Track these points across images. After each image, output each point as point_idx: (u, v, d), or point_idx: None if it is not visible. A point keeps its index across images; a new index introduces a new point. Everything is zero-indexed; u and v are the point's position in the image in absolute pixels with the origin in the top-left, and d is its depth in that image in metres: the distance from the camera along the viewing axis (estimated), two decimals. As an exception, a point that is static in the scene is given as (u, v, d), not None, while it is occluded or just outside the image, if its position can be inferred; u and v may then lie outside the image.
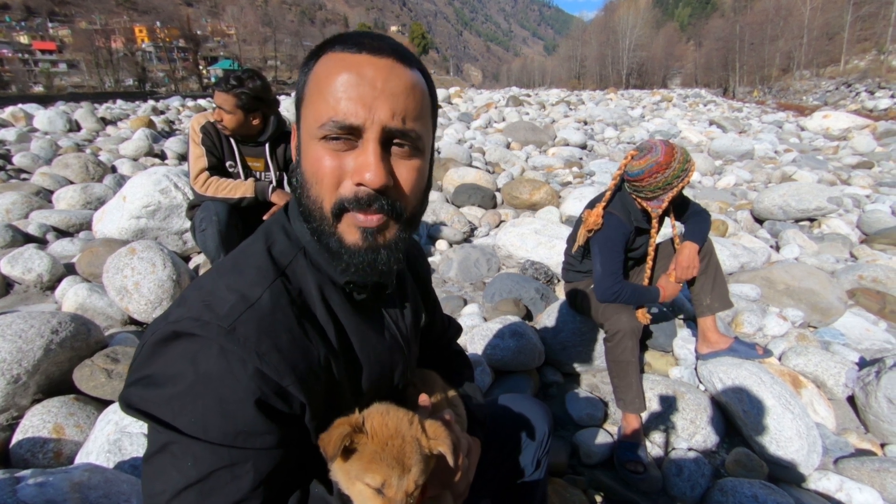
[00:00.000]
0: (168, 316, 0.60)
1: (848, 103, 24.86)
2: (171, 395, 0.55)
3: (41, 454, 1.51)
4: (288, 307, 0.63)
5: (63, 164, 5.57)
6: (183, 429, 0.54)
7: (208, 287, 0.62)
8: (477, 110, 14.79)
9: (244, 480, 0.56)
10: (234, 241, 2.30)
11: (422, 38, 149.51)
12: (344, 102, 0.59)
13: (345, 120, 0.59)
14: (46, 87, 53.88)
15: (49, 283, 2.81)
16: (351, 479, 0.60)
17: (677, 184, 1.91)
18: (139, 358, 0.59)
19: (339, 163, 0.61)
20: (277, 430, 0.59)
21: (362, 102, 0.59)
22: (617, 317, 1.92)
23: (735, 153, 8.52)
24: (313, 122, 0.61)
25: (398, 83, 0.61)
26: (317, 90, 0.62)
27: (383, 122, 0.60)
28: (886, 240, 3.94)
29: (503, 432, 1.05)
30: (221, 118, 2.32)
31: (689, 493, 1.66)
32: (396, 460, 0.59)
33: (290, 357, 0.60)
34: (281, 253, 0.68)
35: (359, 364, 0.72)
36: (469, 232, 4.30)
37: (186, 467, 0.54)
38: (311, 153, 0.63)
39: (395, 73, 0.61)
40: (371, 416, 0.63)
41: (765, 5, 49.77)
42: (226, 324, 0.57)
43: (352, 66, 0.60)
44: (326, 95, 0.60)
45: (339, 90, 0.59)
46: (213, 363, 0.56)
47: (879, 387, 1.93)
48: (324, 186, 0.62)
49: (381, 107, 0.59)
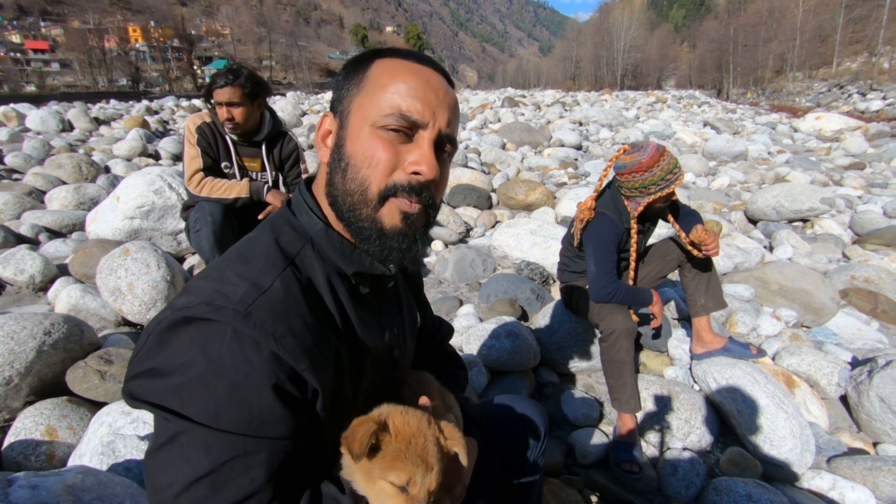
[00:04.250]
0: (174, 304, 0.58)
1: (840, 105, 25.06)
2: (181, 383, 0.54)
3: (33, 457, 1.50)
4: (299, 294, 0.63)
5: (56, 164, 5.52)
6: (194, 417, 0.53)
7: (216, 276, 0.62)
8: (472, 111, 14.81)
9: (258, 472, 0.55)
10: (228, 242, 2.29)
11: (417, 38, 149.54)
12: (412, 101, 0.65)
13: (412, 115, 0.65)
14: (39, 87, 53.43)
15: (42, 285, 2.79)
16: (373, 478, 0.59)
17: (655, 191, 1.90)
18: (143, 350, 0.57)
19: (395, 151, 0.66)
20: (291, 417, 0.58)
21: (428, 105, 0.66)
22: (612, 317, 1.93)
23: (729, 154, 8.58)
24: (375, 111, 0.66)
25: (451, 98, 0.70)
26: (381, 85, 0.67)
27: (441, 126, 0.67)
28: (878, 240, 3.98)
29: (499, 433, 1.05)
30: (231, 115, 2.28)
31: (683, 493, 1.67)
32: (421, 458, 0.59)
33: (305, 342, 0.60)
34: (289, 243, 0.68)
35: (362, 355, 0.72)
36: (465, 232, 4.31)
37: (197, 458, 0.53)
38: (365, 138, 0.66)
39: (447, 89, 0.70)
40: (392, 414, 0.63)
41: (758, 7, 50.09)
42: (241, 308, 0.57)
43: (419, 73, 0.68)
44: (394, 91, 0.66)
45: (408, 89, 0.66)
46: (225, 348, 0.55)
47: (871, 386, 1.95)
48: (377, 170, 0.65)
49: (442, 114, 0.68)
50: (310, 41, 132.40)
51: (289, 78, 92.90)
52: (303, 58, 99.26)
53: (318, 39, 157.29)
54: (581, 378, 2.32)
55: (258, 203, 2.39)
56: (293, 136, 2.61)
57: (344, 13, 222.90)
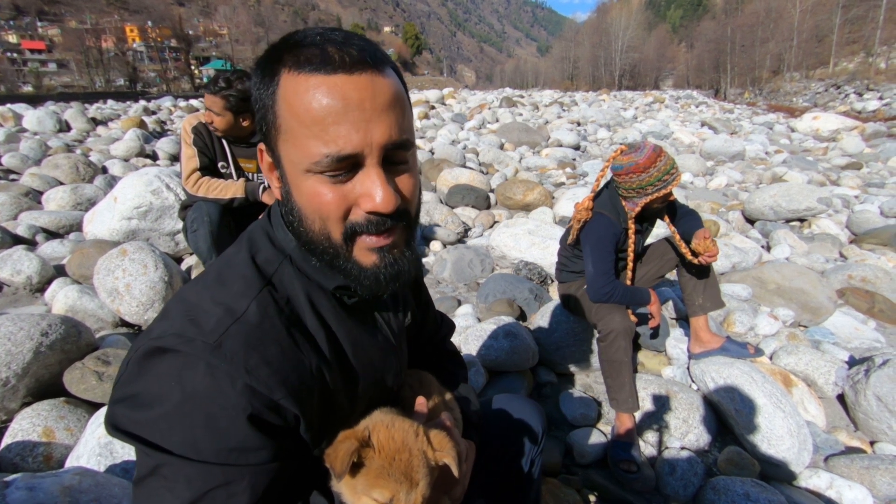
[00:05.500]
0: (151, 332, 0.58)
1: (837, 105, 25.16)
2: (159, 416, 0.53)
3: (31, 458, 1.49)
4: (276, 317, 0.61)
5: (53, 164, 5.52)
6: (173, 449, 0.53)
7: (192, 300, 0.60)
8: (470, 111, 14.81)
9: (241, 498, 0.54)
10: (226, 242, 2.28)
11: (415, 38, 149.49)
12: (334, 134, 0.55)
13: (341, 152, 0.55)
14: (35, 87, 53.18)
15: (39, 285, 2.78)
16: (357, 494, 0.59)
17: (653, 191, 1.91)
18: (124, 375, 0.57)
19: (341, 193, 0.58)
20: (272, 444, 0.57)
21: (355, 129, 0.55)
22: (610, 317, 1.93)
23: (726, 154, 8.60)
24: (303, 159, 0.57)
25: (384, 98, 0.57)
26: (297, 123, 0.56)
27: (381, 142, 0.57)
28: (875, 240, 3.99)
29: (497, 433, 1.05)
30: (212, 120, 2.32)
31: (681, 492, 1.67)
32: (404, 475, 0.58)
33: (281, 370, 0.58)
34: (266, 261, 0.66)
35: (353, 370, 0.71)
36: (463, 233, 4.31)
37: (179, 489, 0.52)
38: (305, 188, 0.59)
39: (379, 88, 0.57)
40: (377, 428, 0.62)
41: (755, 8, 50.27)
42: (211, 339, 0.55)
43: (332, 91, 0.55)
44: (312, 128, 0.55)
45: (326, 121, 0.55)
46: (199, 381, 0.54)
47: (868, 385, 1.95)
48: (330, 221, 0.60)
49: (376, 128, 0.56)
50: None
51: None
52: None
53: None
54: (579, 378, 2.33)
55: (255, 203, 2.39)
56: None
57: (342, 13, 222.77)
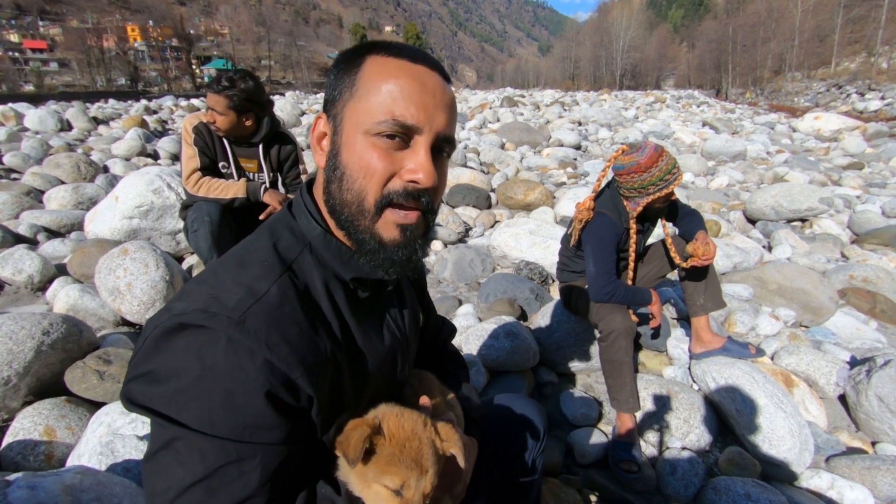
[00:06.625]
0: (171, 309, 0.59)
1: (839, 105, 25.12)
2: (176, 390, 0.54)
3: (32, 457, 1.49)
4: (295, 301, 0.63)
5: (54, 163, 5.51)
6: (189, 423, 0.54)
7: (212, 281, 0.62)
8: (472, 111, 14.81)
9: (252, 476, 0.55)
10: (226, 242, 2.28)
11: (416, 38, 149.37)
12: (407, 105, 0.63)
13: (407, 121, 0.63)
14: (37, 86, 53.29)
15: (40, 284, 2.78)
16: (367, 481, 0.59)
17: (654, 191, 1.91)
18: (140, 353, 0.58)
19: (390, 159, 0.64)
20: (285, 424, 0.58)
21: (424, 109, 0.64)
22: (611, 317, 1.93)
23: (728, 154, 8.59)
24: (369, 117, 0.64)
25: (449, 98, 0.68)
26: (374, 88, 0.64)
27: (438, 129, 0.65)
28: (876, 240, 3.99)
29: (498, 432, 1.05)
30: (214, 119, 2.31)
31: (682, 492, 1.67)
32: (415, 462, 0.59)
33: (299, 349, 0.60)
34: (287, 248, 0.68)
35: (362, 360, 0.72)
36: (464, 232, 4.31)
37: (192, 463, 0.53)
38: (359, 147, 0.65)
39: (444, 89, 0.67)
40: (387, 417, 0.63)
41: (757, 7, 50.14)
42: (236, 315, 0.57)
43: (413, 74, 0.65)
44: (387, 95, 0.63)
45: (403, 92, 0.63)
46: (220, 356, 0.55)
47: (870, 385, 1.95)
48: (373, 181, 0.64)
49: (439, 116, 0.65)
50: (309, 41, 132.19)
51: (287, 77, 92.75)
52: (301, 57, 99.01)
53: (317, 39, 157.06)
54: (580, 378, 2.33)
55: (256, 203, 2.39)
56: (292, 136, 2.61)
57: (343, 13, 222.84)
